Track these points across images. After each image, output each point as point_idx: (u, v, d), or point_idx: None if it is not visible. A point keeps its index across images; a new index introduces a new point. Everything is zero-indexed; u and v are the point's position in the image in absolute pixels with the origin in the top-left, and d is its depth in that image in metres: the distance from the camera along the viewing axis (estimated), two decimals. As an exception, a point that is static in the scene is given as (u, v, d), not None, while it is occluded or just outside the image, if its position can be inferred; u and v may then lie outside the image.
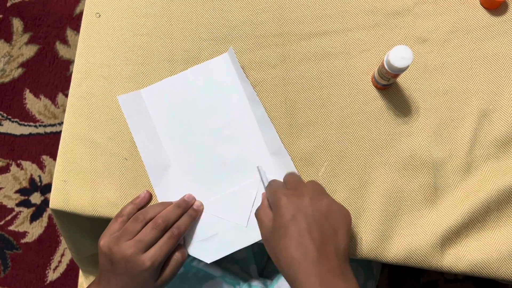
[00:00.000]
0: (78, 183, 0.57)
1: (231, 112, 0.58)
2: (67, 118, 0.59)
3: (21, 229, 1.16)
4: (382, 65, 0.52)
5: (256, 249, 0.69)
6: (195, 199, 0.55)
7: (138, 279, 0.47)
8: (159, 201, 0.55)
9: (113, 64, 0.60)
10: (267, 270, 0.70)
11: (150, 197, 0.55)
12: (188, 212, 0.53)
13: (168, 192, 0.55)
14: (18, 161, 1.19)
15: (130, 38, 0.61)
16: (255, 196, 0.55)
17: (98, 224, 0.60)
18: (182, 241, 0.53)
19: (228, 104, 0.58)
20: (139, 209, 0.52)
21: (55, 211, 0.57)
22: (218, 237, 0.54)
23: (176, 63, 0.60)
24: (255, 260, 0.68)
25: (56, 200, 0.56)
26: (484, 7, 0.60)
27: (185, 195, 0.54)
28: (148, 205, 0.55)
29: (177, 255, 0.50)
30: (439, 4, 0.60)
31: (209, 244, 0.53)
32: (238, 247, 0.53)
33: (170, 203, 0.53)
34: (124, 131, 0.58)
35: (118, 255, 0.46)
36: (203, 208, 0.55)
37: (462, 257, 0.53)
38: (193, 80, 0.59)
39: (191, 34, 0.61)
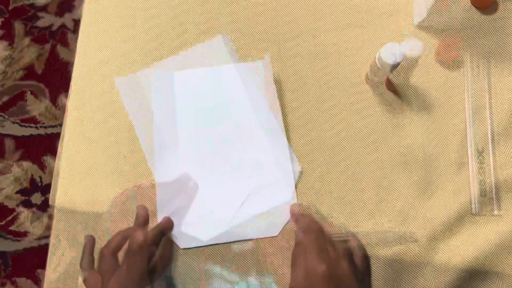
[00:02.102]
0: (77, 180, 0.57)
1: (248, 115, 0.59)
2: (67, 116, 0.60)
3: (21, 229, 1.17)
4: (374, 63, 0.53)
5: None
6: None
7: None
8: (156, 178, 0.56)
9: (112, 62, 0.61)
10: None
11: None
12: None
13: (166, 172, 0.56)
14: (19, 162, 1.20)
15: (128, 36, 0.62)
16: (246, 197, 0.56)
17: (97, 221, 0.61)
18: (172, 236, 0.54)
19: (248, 108, 0.59)
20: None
21: (55, 209, 0.58)
22: (204, 223, 0.55)
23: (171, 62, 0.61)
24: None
25: (56, 198, 0.57)
26: (475, 6, 0.61)
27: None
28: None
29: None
30: (431, 4, 0.61)
31: (192, 229, 0.55)
32: (219, 241, 0.55)
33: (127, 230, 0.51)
34: (124, 129, 0.59)
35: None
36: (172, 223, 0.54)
37: (455, 251, 0.54)
38: (225, 78, 0.60)
39: (184, 32, 0.62)
